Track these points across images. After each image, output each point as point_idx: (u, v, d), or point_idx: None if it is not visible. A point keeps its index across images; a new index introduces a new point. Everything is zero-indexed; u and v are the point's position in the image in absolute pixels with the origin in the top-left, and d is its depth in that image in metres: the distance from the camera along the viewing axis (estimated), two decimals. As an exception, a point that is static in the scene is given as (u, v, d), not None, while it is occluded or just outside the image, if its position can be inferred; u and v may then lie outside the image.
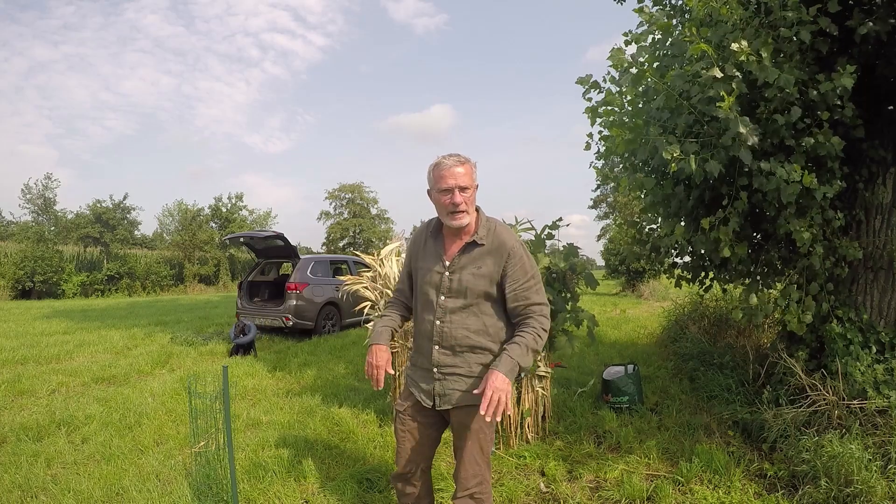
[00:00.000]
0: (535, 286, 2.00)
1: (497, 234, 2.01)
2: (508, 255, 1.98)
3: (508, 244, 1.99)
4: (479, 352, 2.01)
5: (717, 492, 2.92)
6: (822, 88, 3.03)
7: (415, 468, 2.17)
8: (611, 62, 3.39)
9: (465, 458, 2.03)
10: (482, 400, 1.84)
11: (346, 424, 4.09)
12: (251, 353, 7.36)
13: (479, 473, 2.04)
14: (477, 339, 2.00)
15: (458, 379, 2.02)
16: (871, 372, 3.32)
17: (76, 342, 8.04)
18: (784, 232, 3.26)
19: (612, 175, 4.72)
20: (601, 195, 33.42)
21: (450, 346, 2.02)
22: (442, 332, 2.02)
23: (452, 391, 2.03)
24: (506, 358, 1.90)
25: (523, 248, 2.03)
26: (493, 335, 2.01)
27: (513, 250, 1.99)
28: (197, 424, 3.04)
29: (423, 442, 2.16)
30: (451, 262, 2.03)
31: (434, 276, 2.06)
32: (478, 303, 2.00)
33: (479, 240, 2.00)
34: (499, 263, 1.98)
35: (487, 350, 2.01)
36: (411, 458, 2.15)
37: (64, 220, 24.77)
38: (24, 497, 2.97)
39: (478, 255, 2.00)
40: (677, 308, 7.45)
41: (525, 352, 1.92)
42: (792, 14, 3.02)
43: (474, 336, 2.00)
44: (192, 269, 25.14)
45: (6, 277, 18.63)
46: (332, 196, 38.63)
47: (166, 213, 29.38)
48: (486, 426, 2.02)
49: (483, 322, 2.00)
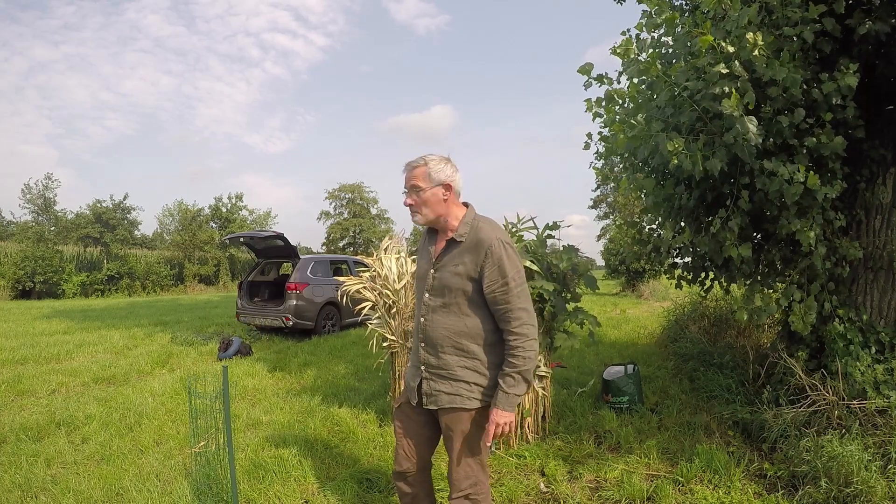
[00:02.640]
0: (514, 289, 1.88)
1: (477, 230, 1.95)
2: (486, 253, 1.90)
3: (486, 242, 1.91)
4: (460, 353, 1.96)
5: (717, 492, 2.92)
6: (824, 88, 3.02)
7: (412, 467, 2.15)
8: (618, 52, 3.35)
9: (454, 460, 2.02)
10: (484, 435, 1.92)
11: (346, 424, 4.09)
12: (250, 353, 7.37)
13: (472, 475, 2.01)
14: (457, 340, 1.96)
15: (444, 380, 1.99)
16: (871, 372, 3.32)
17: (76, 342, 8.04)
18: (786, 232, 3.26)
19: (612, 175, 4.72)
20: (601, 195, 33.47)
21: (432, 345, 2.00)
22: (426, 330, 2.02)
23: (439, 392, 2.00)
24: (501, 394, 1.88)
25: (504, 246, 1.91)
26: (474, 336, 1.96)
27: (490, 248, 1.89)
28: (197, 424, 3.04)
29: (418, 441, 2.15)
30: (436, 261, 2.02)
31: (423, 273, 2.08)
32: (458, 302, 1.96)
33: (459, 237, 1.96)
34: (476, 262, 1.92)
35: (469, 352, 1.96)
36: (407, 456, 2.15)
37: (64, 220, 24.76)
38: (24, 497, 2.97)
39: (457, 253, 1.97)
40: (677, 308, 7.45)
41: (517, 381, 1.89)
42: (794, 13, 3.02)
43: (454, 336, 1.96)
44: (192, 269, 25.15)
45: (6, 277, 18.64)
46: (332, 196, 38.67)
47: (166, 213, 29.41)
48: (476, 430, 1.99)
49: (464, 322, 1.96)
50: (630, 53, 3.35)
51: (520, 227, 3.93)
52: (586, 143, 4.10)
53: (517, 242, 3.68)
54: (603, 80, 3.70)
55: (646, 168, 4.24)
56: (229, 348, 7.18)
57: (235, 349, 7.20)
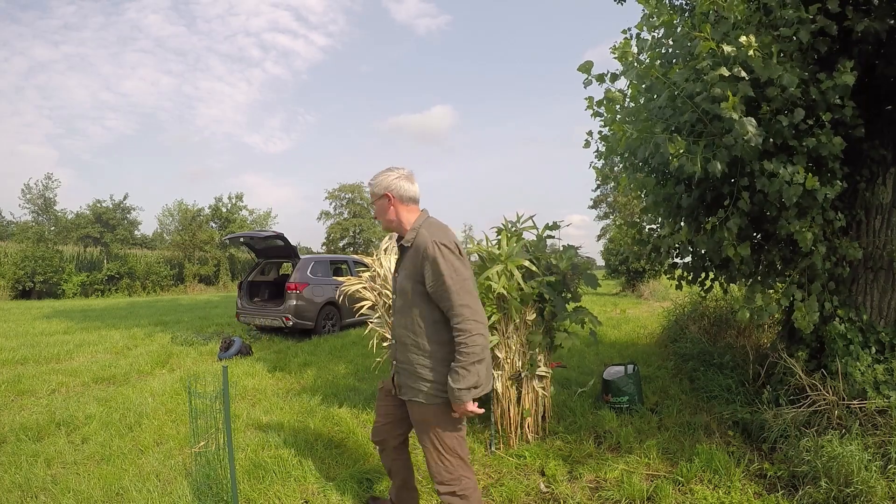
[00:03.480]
0: (452, 287, 1.96)
1: (419, 234, 2.07)
2: (423, 255, 2.02)
3: (423, 245, 2.02)
4: (418, 351, 2.10)
5: (717, 492, 2.92)
6: (822, 87, 3.02)
7: (387, 439, 2.43)
8: (617, 56, 3.36)
9: (426, 452, 2.18)
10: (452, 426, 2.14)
11: (346, 424, 4.09)
12: (250, 353, 7.37)
13: (453, 470, 2.12)
14: (414, 339, 2.11)
15: (408, 375, 2.16)
16: (871, 372, 3.31)
17: (76, 342, 8.04)
18: (785, 233, 3.26)
19: (612, 175, 4.72)
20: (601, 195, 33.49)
21: (398, 342, 2.20)
22: (393, 329, 2.24)
23: (405, 384, 2.19)
24: (449, 389, 2.00)
25: (439, 247, 1.99)
26: (429, 335, 2.08)
27: (426, 251, 2.00)
28: (197, 424, 3.04)
29: (391, 419, 2.40)
30: (396, 265, 2.25)
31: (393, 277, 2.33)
32: (411, 302, 2.10)
33: (406, 243, 2.12)
34: (417, 264, 2.05)
35: (424, 350, 2.09)
36: (381, 430, 2.44)
37: (64, 220, 24.76)
38: (24, 497, 2.98)
39: (407, 257, 2.13)
40: (677, 308, 7.45)
41: (461, 375, 1.96)
42: (791, 13, 3.02)
43: (412, 336, 2.11)
44: (192, 269, 25.15)
45: (6, 277, 18.64)
46: (332, 196, 38.69)
47: (166, 213, 29.44)
48: (442, 421, 2.10)
49: (418, 322, 2.09)
50: (628, 56, 3.36)
51: (520, 226, 3.93)
52: (586, 141, 4.10)
53: (517, 242, 3.68)
54: (603, 78, 3.70)
55: (646, 168, 4.24)
56: (230, 348, 7.18)
57: (236, 349, 7.20)
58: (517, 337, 3.66)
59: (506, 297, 3.53)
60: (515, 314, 3.59)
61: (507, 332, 3.64)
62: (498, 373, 3.65)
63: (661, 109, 3.50)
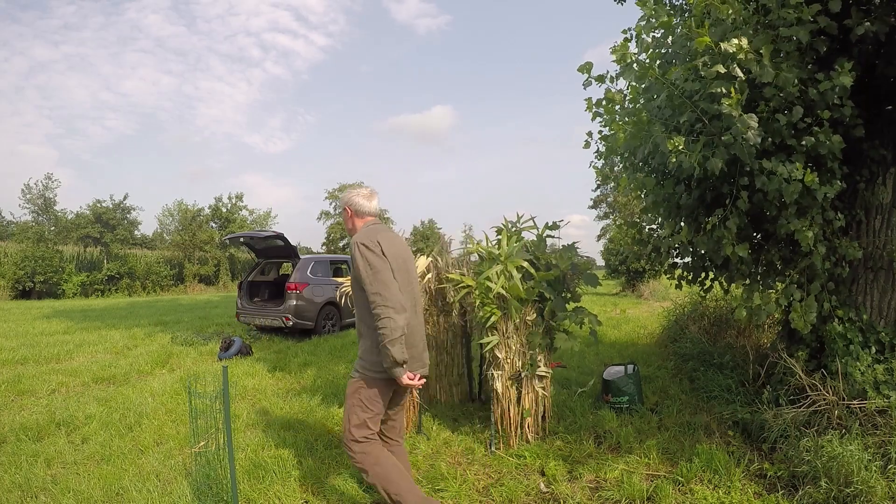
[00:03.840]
0: (366, 279, 2.33)
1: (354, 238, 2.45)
2: (351, 253, 2.43)
3: (351, 245, 2.42)
4: (362, 336, 2.50)
5: (717, 492, 2.92)
6: (821, 87, 3.02)
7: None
8: (614, 57, 3.36)
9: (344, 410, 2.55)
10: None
11: (346, 424, 4.08)
12: (250, 353, 7.37)
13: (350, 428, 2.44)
14: (359, 325, 2.52)
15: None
16: (871, 372, 3.31)
17: (76, 342, 8.04)
18: (785, 232, 3.26)
19: (612, 175, 4.72)
20: (601, 195, 33.43)
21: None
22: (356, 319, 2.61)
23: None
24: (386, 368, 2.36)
25: (358, 246, 2.36)
26: (367, 322, 2.42)
27: (352, 249, 2.41)
28: (197, 424, 3.04)
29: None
30: None
31: None
32: (357, 295, 2.48)
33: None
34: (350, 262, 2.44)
35: (363, 335, 2.49)
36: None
37: (64, 220, 24.74)
38: (24, 497, 2.98)
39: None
40: (677, 308, 7.45)
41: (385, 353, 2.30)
42: (791, 13, 3.02)
43: (358, 322, 2.53)
44: (192, 269, 25.15)
45: (6, 277, 18.64)
46: (332, 196, 38.63)
47: (166, 213, 29.37)
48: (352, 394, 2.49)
49: (360, 310, 2.49)
50: (627, 58, 3.36)
51: (520, 226, 3.93)
52: (586, 141, 4.10)
53: (517, 242, 3.69)
54: (603, 79, 3.70)
55: (646, 167, 4.25)
56: (230, 348, 7.18)
57: (237, 349, 7.20)
58: (517, 337, 3.66)
59: (506, 297, 3.53)
60: (515, 314, 3.59)
61: (507, 332, 3.64)
62: (498, 373, 3.65)
63: (660, 110, 3.50)
